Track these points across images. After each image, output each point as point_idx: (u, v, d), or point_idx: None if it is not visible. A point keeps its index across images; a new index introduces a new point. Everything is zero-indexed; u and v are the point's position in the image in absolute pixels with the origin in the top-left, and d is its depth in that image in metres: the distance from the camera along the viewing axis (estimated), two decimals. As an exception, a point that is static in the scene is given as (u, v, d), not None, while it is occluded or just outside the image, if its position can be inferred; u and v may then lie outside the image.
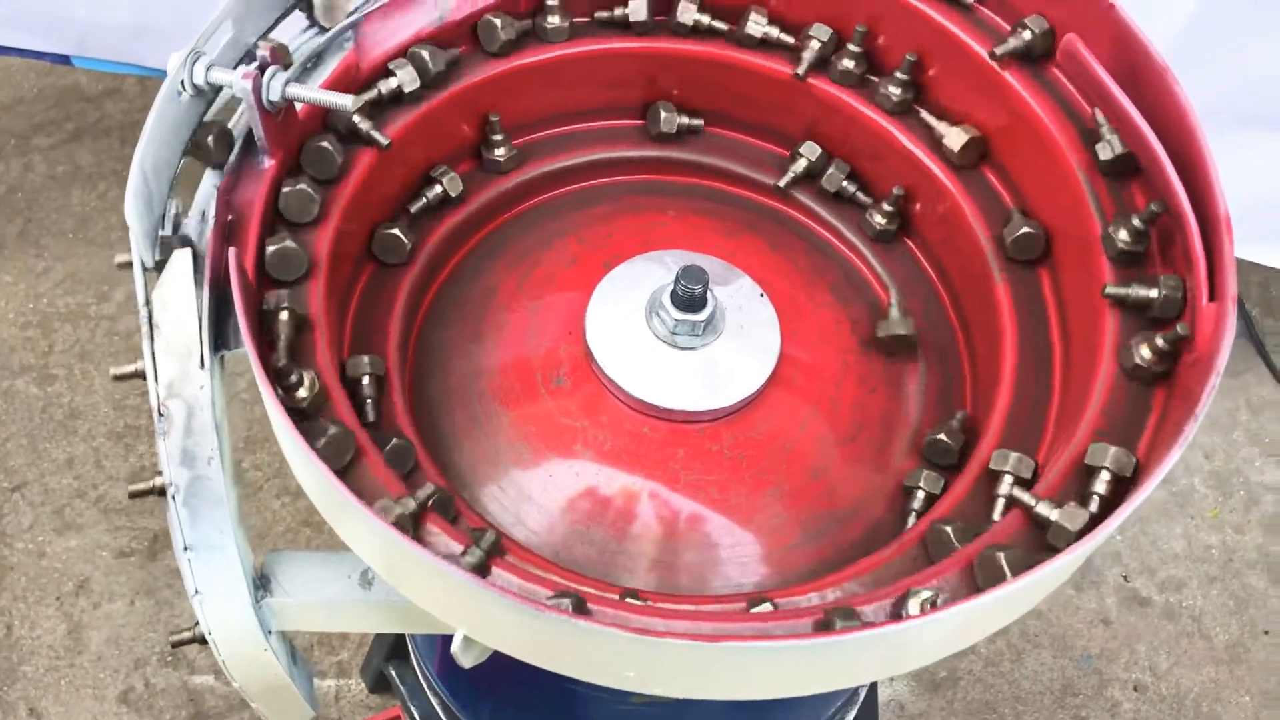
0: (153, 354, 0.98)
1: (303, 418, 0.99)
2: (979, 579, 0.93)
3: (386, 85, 1.20)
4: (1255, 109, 2.03)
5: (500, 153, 1.34)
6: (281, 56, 1.07)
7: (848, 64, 1.32)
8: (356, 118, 1.16)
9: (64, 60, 2.61)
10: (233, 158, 1.09)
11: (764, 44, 1.35)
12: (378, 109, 1.21)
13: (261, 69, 1.04)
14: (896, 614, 0.91)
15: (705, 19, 1.33)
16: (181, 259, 1.01)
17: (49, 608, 2.45)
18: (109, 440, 2.64)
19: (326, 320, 1.06)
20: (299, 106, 1.12)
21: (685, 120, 1.40)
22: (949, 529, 1.02)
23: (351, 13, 1.19)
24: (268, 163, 1.09)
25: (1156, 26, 1.84)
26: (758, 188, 1.42)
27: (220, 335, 1.01)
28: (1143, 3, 1.23)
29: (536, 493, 1.16)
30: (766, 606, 0.96)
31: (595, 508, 1.16)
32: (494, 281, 1.32)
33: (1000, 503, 1.05)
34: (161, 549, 2.51)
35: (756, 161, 1.42)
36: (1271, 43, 1.92)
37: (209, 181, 1.08)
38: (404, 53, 1.22)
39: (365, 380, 1.12)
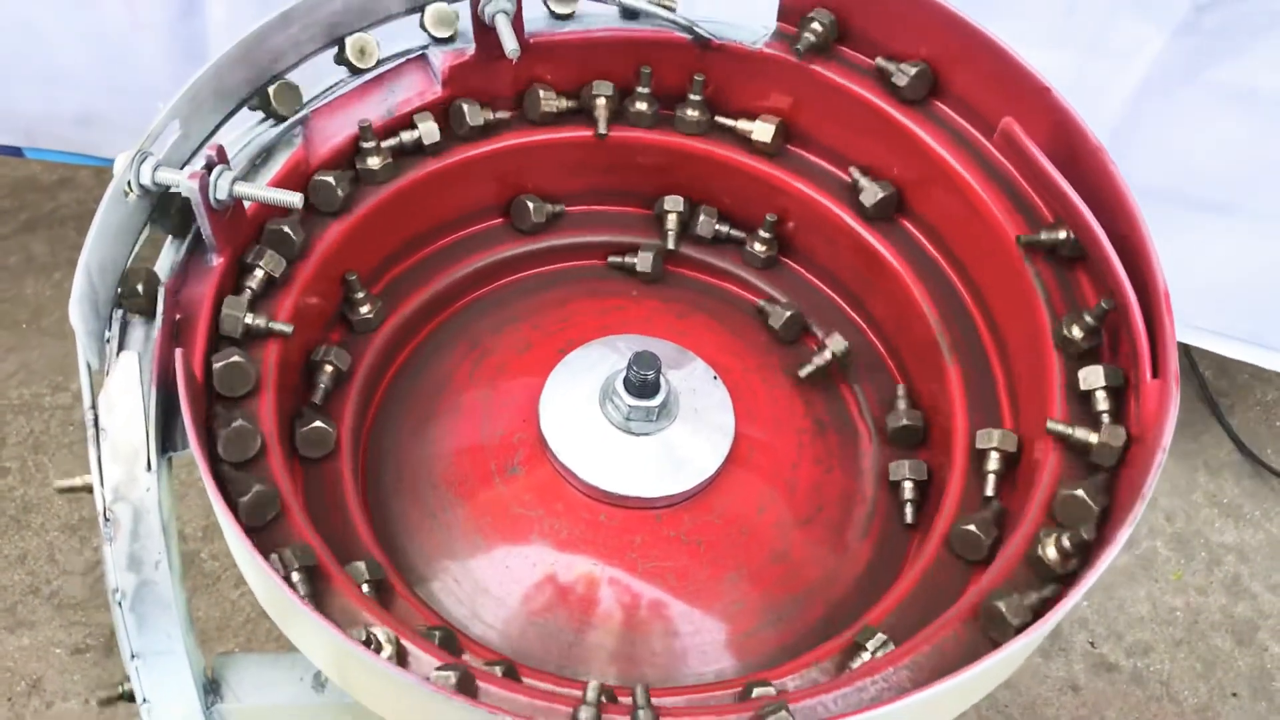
0: (99, 458, 0.97)
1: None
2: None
3: (254, 280, 1.13)
4: (1197, 194, 2.05)
5: (365, 310, 1.27)
6: (225, 157, 1.07)
7: (641, 106, 1.34)
8: (250, 317, 1.10)
9: (15, 152, 2.60)
10: (180, 255, 1.08)
11: (559, 118, 1.34)
12: (259, 299, 1.15)
13: (208, 168, 1.03)
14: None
15: (491, 114, 1.30)
16: (128, 360, 1.00)
17: (0, 710, 2.38)
18: (63, 534, 2.58)
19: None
20: (247, 204, 1.12)
21: (550, 208, 1.39)
22: (972, 527, 1.06)
23: (299, 108, 1.20)
24: (216, 260, 1.09)
25: (1093, 113, 1.88)
26: (702, 267, 1.43)
27: (168, 437, 1.00)
28: (1079, 90, 1.26)
29: (493, 585, 1.15)
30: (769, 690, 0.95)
31: (553, 599, 1.14)
32: (447, 369, 1.31)
33: (991, 479, 1.10)
34: (118, 644, 2.44)
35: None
36: (1206, 128, 1.95)
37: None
38: (260, 236, 1.16)
39: (365, 587, 1.03)
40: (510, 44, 1.19)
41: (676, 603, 1.16)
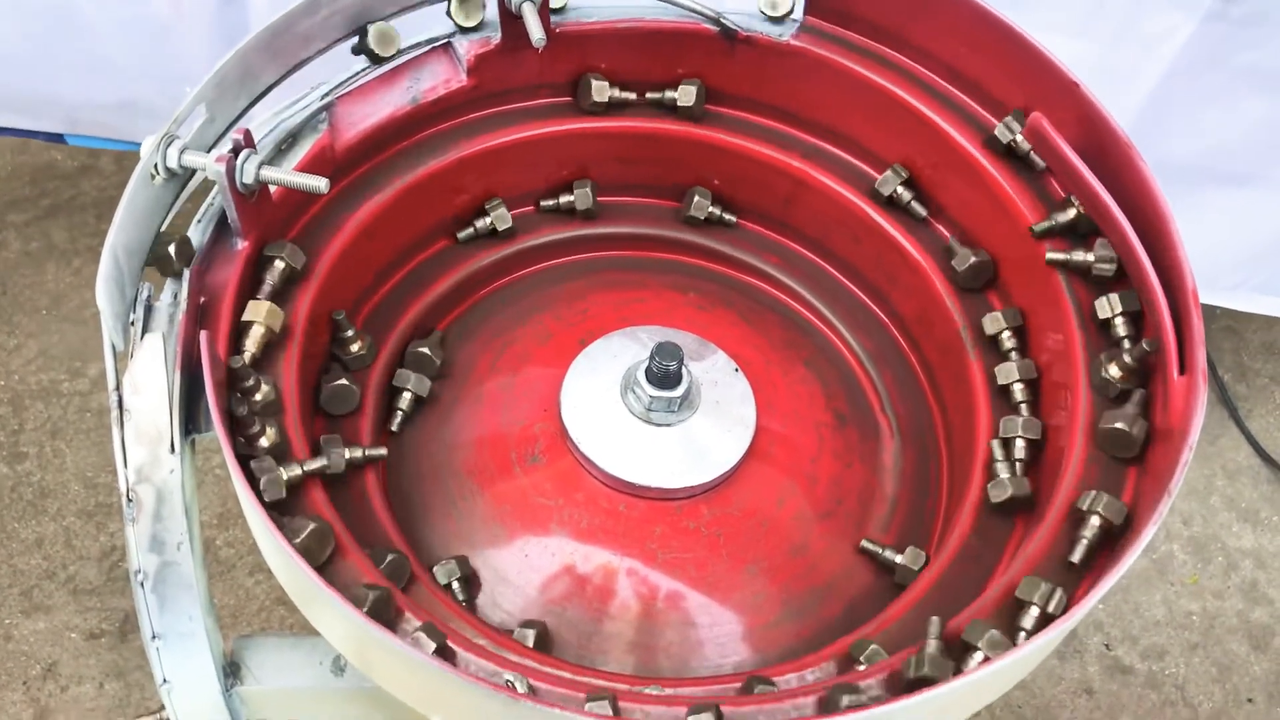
0: (122, 439, 0.97)
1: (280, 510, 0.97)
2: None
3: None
4: (1219, 169, 2.09)
5: (355, 348, 1.23)
6: (252, 141, 1.07)
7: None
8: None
9: (58, 139, 2.62)
10: (206, 239, 1.08)
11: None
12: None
13: (235, 152, 1.04)
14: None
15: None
16: (153, 342, 1.00)
17: (15, 692, 2.39)
18: (79, 519, 2.60)
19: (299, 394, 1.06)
20: (272, 189, 1.12)
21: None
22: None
23: (325, 94, 1.20)
24: (240, 244, 1.09)
25: (1122, 97, 1.89)
26: (729, 261, 1.42)
27: (191, 419, 1.00)
28: (1108, 76, 1.26)
29: (512, 574, 1.15)
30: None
31: (571, 588, 1.14)
32: (468, 359, 1.31)
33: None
34: (132, 630, 2.45)
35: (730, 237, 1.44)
36: (1231, 110, 1.98)
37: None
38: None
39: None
40: (537, 33, 1.18)
41: (695, 594, 1.16)
